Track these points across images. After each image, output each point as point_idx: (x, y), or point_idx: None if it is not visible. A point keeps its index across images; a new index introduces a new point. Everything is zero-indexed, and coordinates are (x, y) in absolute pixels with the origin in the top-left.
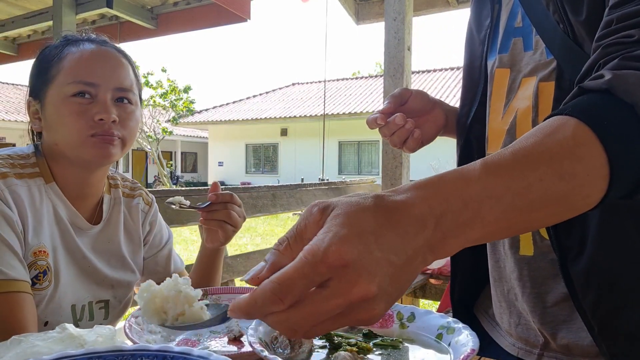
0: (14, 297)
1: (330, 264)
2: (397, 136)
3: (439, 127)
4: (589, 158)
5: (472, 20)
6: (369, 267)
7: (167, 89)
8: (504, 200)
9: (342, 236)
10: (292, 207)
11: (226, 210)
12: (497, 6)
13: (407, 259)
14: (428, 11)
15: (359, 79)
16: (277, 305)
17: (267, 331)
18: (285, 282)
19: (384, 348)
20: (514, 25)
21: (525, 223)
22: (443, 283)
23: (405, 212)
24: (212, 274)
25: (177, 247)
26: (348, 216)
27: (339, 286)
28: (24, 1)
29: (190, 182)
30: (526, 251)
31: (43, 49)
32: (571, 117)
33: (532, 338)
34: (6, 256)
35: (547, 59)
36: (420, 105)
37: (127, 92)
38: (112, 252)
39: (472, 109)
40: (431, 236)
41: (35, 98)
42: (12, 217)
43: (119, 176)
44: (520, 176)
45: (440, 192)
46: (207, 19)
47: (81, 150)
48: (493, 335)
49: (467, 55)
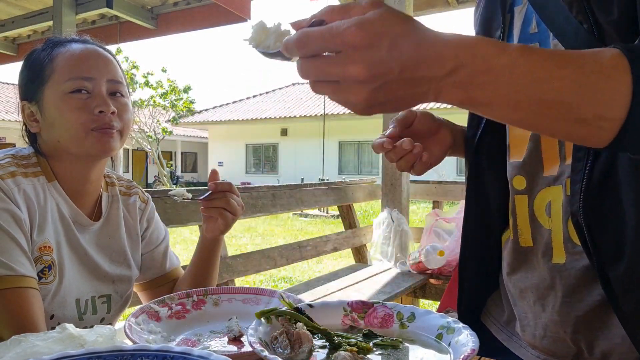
0: (24, 292)
1: (343, 40)
2: (404, 161)
3: (446, 148)
4: (615, 80)
5: (480, 32)
6: (371, 59)
7: (167, 89)
8: (522, 80)
9: (366, 26)
10: (292, 207)
11: (226, 198)
12: (508, 15)
13: (410, 80)
14: (428, 11)
15: None
16: (299, 49)
17: (267, 331)
18: (309, 35)
19: (384, 348)
20: (529, 31)
21: (530, 114)
22: (443, 283)
23: (432, 45)
24: (210, 269)
25: (177, 247)
26: (382, 15)
27: (341, 59)
28: (24, 1)
29: (190, 182)
30: (558, 259)
31: (30, 53)
32: (616, 49)
33: (560, 350)
34: (15, 253)
35: None
36: (426, 127)
37: (119, 85)
38: (113, 248)
39: (482, 122)
40: (442, 77)
41: (31, 100)
42: (20, 216)
43: (115, 175)
44: (547, 67)
45: (471, 48)
46: (207, 19)
47: (84, 144)
48: (509, 346)
49: None
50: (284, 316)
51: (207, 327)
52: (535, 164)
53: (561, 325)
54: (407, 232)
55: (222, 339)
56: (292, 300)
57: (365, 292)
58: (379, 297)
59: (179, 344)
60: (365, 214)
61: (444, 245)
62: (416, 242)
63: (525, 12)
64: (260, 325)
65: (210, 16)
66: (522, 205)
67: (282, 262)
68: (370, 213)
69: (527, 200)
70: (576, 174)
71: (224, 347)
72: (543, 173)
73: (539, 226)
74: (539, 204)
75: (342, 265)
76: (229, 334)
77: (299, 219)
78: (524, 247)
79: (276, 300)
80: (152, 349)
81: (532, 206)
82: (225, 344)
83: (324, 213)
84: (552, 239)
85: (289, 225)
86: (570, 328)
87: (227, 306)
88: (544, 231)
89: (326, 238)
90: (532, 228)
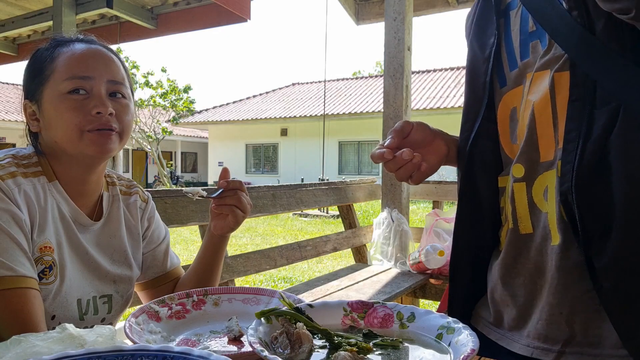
0: (25, 292)
1: None
2: (403, 170)
3: (441, 157)
4: None
5: (474, 40)
6: None
7: (167, 89)
8: None
9: None
10: (292, 207)
11: (237, 196)
12: (502, 20)
13: None
14: (428, 11)
15: (359, 79)
16: None
17: (267, 331)
18: None
19: (384, 348)
20: (528, 30)
21: None
22: (443, 283)
23: None
24: (215, 267)
25: (177, 247)
26: None
27: None
28: (24, 1)
29: (190, 182)
30: (555, 241)
31: (34, 52)
32: None
33: (553, 333)
34: (16, 254)
35: (560, 52)
36: (421, 137)
37: (120, 86)
38: (115, 247)
39: (476, 124)
40: None
41: (32, 100)
42: (20, 216)
43: (115, 174)
44: None
45: None
46: (207, 19)
47: (81, 145)
48: (499, 341)
49: (469, 73)
50: (284, 316)
51: (207, 327)
52: (532, 151)
53: (557, 306)
54: (407, 232)
55: (222, 339)
56: (292, 300)
57: (365, 292)
58: (379, 297)
59: (179, 344)
60: (365, 214)
61: (444, 245)
62: (416, 242)
63: (522, 14)
64: (260, 325)
65: (210, 16)
66: (520, 193)
67: (282, 262)
68: (370, 213)
69: (525, 187)
70: (568, 155)
71: (224, 347)
72: (540, 159)
73: (537, 212)
74: (537, 189)
75: (342, 265)
76: (229, 334)
77: (299, 219)
78: (524, 234)
79: (276, 300)
80: (152, 349)
81: (531, 192)
82: (225, 344)
83: (324, 213)
84: (549, 221)
85: (289, 225)
86: (566, 309)
87: (227, 306)
88: (542, 215)
89: (326, 238)
90: (531, 215)
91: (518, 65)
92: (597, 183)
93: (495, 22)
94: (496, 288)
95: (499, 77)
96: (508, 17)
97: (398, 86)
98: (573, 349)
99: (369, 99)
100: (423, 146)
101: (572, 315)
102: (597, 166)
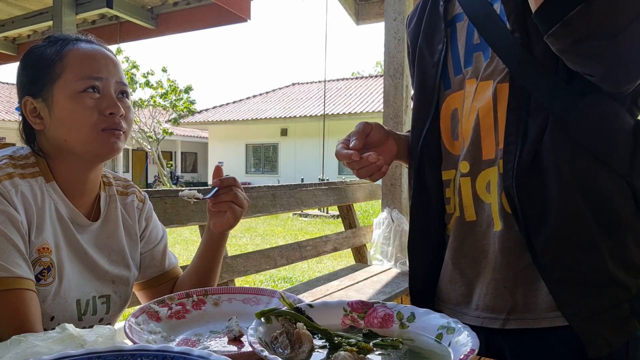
0: (21, 294)
1: None
2: (365, 170)
3: (393, 155)
4: None
5: (423, 45)
6: None
7: (167, 89)
8: None
9: None
10: (292, 207)
11: (233, 192)
12: (449, 29)
13: None
14: None
15: (359, 79)
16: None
17: (267, 331)
18: None
19: (384, 348)
20: (473, 42)
21: None
22: None
23: None
24: (214, 265)
25: (177, 247)
26: None
27: None
28: (24, 1)
29: (190, 182)
30: (497, 227)
31: (30, 51)
32: None
33: (498, 304)
34: (13, 255)
35: (502, 66)
36: (378, 137)
37: (125, 87)
38: (113, 247)
39: (427, 123)
40: None
41: (36, 97)
42: (17, 218)
43: (111, 175)
44: None
45: None
46: (207, 19)
47: (93, 144)
48: (452, 315)
49: (419, 75)
50: (284, 316)
51: (207, 327)
52: (476, 150)
53: (502, 281)
54: (407, 232)
55: (222, 339)
56: (292, 300)
57: (365, 292)
58: (379, 297)
59: (179, 344)
60: (365, 214)
61: None
62: None
63: (467, 27)
64: (260, 325)
65: (210, 16)
66: (466, 186)
67: (282, 262)
68: (370, 213)
69: (470, 181)
70: (509, 155)
71: (224, 347)
72: (482, 157)
73: (481, 202)
74: (480, 183)
75: (342, 265)
76: (229, 334)
77: (299, 219)
78: (469, 221)
79: (276, 300)
80: (152, 349)
81: (475, 186)
82: (225, 344)
83: (324, 213)
84: (492, 211)
85: (289, 225)
86: (510, 282)
87: (227, 306)
88: (485, 206)
89: (326, 238)
90: (475, 205)
91: (462, 72)
92: (533, 178)
93: (443, 30)
94: (446, 268)
95: (444, 80)
96: (454, 27)
97: (398, 86)
98: (515, 316)
99: (369, 99)
100: (379, 145)
101: (514, 288)
102: (532, 164)
